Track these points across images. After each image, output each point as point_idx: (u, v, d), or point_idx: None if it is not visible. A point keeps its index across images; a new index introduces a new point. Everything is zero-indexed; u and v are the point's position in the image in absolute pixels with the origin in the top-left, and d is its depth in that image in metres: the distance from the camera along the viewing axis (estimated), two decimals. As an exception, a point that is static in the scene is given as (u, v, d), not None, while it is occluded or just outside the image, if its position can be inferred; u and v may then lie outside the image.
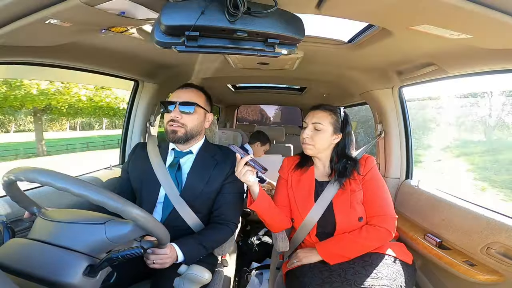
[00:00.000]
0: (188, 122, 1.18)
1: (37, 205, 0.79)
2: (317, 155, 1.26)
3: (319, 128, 1.20)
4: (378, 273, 1.03)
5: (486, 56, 1.05)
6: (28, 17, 0.76)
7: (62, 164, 11.99)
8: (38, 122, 14.85)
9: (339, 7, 0.82)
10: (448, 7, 0.69)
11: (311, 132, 1.21)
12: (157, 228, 0.75)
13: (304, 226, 1.22)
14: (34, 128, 15.53)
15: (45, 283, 0.60)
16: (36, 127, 15.06)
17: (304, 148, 1.24)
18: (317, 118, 1.21)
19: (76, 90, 13.25)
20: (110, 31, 0.99)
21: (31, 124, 18.23)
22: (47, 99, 12.80)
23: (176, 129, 1.16)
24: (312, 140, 1.20)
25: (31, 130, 18.39)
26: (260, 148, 2.75)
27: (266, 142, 2.77)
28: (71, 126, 24.88)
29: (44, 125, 15.88)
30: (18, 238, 0.69)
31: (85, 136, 22.59)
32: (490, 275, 1.07)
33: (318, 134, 1.20)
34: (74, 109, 15.00)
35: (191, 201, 1.17)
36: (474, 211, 1.21)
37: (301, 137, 1.24)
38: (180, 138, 1.17)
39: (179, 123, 1.16)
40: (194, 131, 1.20)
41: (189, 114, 1.18)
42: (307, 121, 1.23)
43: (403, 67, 1.45)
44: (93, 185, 0.65)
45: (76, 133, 24.40)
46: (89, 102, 14.66)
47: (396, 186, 1.76)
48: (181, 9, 0.73)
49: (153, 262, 0.98)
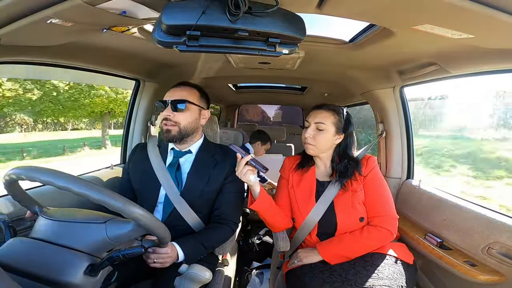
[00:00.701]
0: (181, 120, 1.17)
1: (39, 204, 0.80)
2: (319, 155, 1.25)
3: (321, 128, 1.19)
4: (379, 273, 1.03)
5: (488, 56, 1.04)
6: (30, 17, 0.76)
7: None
8: (104, 122, 18.85)
9: (340, 6, 0.82)
10: (450, 6, 0.69)
11: (313, 132, 1.20)
12: (158, 227, 0.75)
13: (305, 226, 1.22)
14: (101, 126, 19.86)
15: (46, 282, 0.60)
16: (103, 125, 19.09)
17: (306, 148, 1.23)
18: (320, 118, 1.20)
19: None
20: (111, 30, 0.99)
21: (83, 123, 24.41)
22: (113, 105, 16.74)
23: (170, 128, 1.16)
24: (314, 140, 1.20)
25: (82, 128, 24.83)
26: (261, 147, 2.76)
27: (267, 141, 2.77)
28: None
29: (104, 124, 19.16)
30: (19, 237, 0.69)
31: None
32: (491, 275, 1.07)
33: (320, 134, 1.19)
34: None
35: (192, 201, 1.17)
36: (475, 211, 1.21)
37: (303, 137, 1.24)
38: (174, 136, 1.17)
39: (172, 121, 1.16)
40: (188, 129, 1.20)
41: (181, 112, 1.17)
42: (310, 120, 1.22)
43: (405, 67, 1.45)
44: (94, 184, 0.65)
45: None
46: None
47: (397, 186, 1.76)
48: (182, 9, 0.73)
49: (153, 261, 0.98)
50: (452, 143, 6.80)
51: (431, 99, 4.79)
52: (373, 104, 1.89)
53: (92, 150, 17.69)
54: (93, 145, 18.84)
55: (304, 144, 1.24)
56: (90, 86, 15.37)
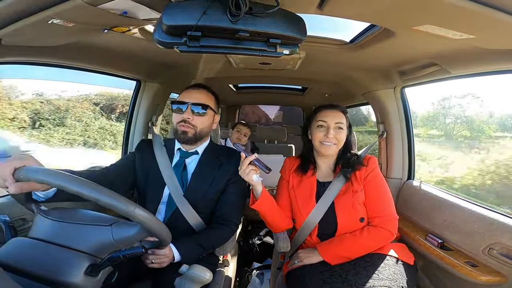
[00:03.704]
0: (199, 124, 1.17)
1: (36, 202, 0.80)
2: (328, 156, 1.26)
3: (342, 127, 1.22)
4: (379, 273, 1.02)
5: (489, 57, 1.04)
6: (31, 17, 0.76)
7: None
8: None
9: (341, 7, 0.82)
10: (451, 7, 0.69)
11: (335, 132, 1.21)
12: (161, 230, 0.75)
13: (306, 226, 1.22)
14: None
15: (47, 282, 0.60)
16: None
17: (327, 148, 1.21)
18: (339, 118, 1.22)
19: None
20: (112, 31, 1.00)
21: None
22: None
23: (187, 130, 1.16)
24: (337, 140, 1.21)
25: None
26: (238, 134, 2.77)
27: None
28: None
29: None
30: (20, 237, 0.69)
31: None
32: (492, 276, 1.07)
33: (340, 134, 1.21)
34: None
35: (194, 202, 1.17)
36: (476, 212, 1.21)
37: (319, 138, 1.22)
38: (190, 139, 1.17)
39: (190, 124, 1.15)
40: (203, 133, 1.20)
41: (200, 116, 1.17)
42: (328, 120, 1.21)
43: (406, 67, 1.45)
44: (104, 188, 0.65)
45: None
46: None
47: (398, 187, 1.75)
48: (183, 9, 0.74)
49: (151, 261, 0.98)
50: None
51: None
52: (373, 104, 1.89)
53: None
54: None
55: (323, 144, 1.21)
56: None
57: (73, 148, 4.84)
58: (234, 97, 3.44)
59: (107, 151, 5.26)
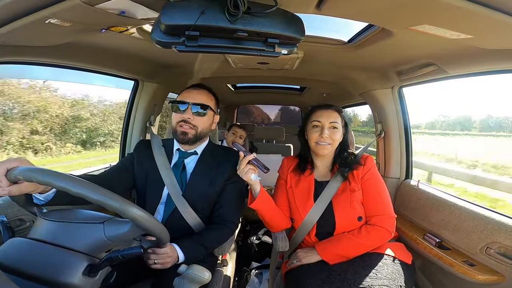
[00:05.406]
0: (199, 124, 1.17)
1: (37, 205, 0.79)
2: (325, 155, 1.26)
3: (336, 127, 1.22)
4: (377, 273, 1.03)
5: (487, 56, 1.05)
6: (28, 17, 0.75)
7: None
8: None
9: (339, 7, 0.82)
10: (448, 7, 0.69)
11: (329, 131, 1.21)
12: (156, 227, 0.74)
13: (304, 226, 1.22)
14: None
15: (45, 283, 0.60)
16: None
17: (323, 148, 1.22)
18: (333, 117, 1.23)
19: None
20: (110, 30, 0.99)
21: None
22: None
23: (187, 130, 1.15)
24: (331, 139, 1.21)
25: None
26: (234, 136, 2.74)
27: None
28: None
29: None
30: (18, 238, 0.69)
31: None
32: (489, 275, 1.07)
33: (335, 133, 1.22)
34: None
35: (193, 202, 1.17)
36: (474, 211, 1.21)
37: (316, 138, 1.22)
38: (190, 139, 1.17)
39: (190, 124, 1.15)
40: (203, 133, 1.20)
41: (201, 116, 1.17)
42: (322, 120, 1.22)
43: (403, 67, 1.45)
44: (91, 184, 0.65)
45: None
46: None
47: (396, 186, 1.76)
48: (181, 9, 0.73)
49: (154, 262, 0.98)
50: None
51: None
52: (371, 104, 1.89)
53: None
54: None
55: (318, 144, 1.22)
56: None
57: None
58: (232, 96, 3.44)
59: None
